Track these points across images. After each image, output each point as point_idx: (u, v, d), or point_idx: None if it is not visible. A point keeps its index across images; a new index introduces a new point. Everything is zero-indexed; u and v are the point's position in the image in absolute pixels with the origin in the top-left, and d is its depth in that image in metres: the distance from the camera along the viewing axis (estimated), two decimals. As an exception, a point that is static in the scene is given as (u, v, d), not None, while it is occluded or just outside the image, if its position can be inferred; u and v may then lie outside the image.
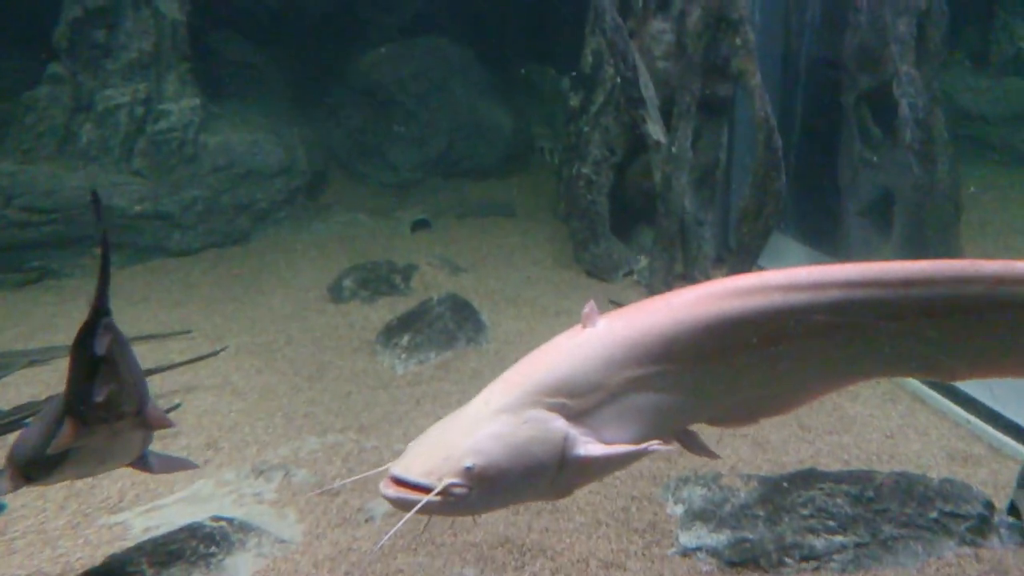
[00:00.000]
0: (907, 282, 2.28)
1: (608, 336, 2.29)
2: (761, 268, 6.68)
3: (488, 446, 2.07)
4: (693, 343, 2.30)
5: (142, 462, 3.09)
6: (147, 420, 2.74)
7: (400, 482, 2.06)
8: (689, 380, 2.33)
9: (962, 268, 2.32)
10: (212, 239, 8.21)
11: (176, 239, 8.00)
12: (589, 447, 2.18)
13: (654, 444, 2.25)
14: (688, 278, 6.79)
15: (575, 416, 2.19)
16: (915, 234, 6.13)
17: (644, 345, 2.28)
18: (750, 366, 2.36)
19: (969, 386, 4.74)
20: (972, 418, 4.57)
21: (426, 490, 2.02)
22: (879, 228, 6.40)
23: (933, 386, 4.89)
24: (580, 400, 2.20)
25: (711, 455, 2.59)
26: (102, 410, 2.58)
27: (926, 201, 6.00)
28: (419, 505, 2.01)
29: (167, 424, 2.90)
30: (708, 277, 6.73)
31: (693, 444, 2.54)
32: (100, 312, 2.63)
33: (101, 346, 2.56)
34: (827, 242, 6.55)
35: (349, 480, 2.38)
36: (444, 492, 2.01)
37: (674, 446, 2.36)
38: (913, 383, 5.00)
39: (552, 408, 2.17)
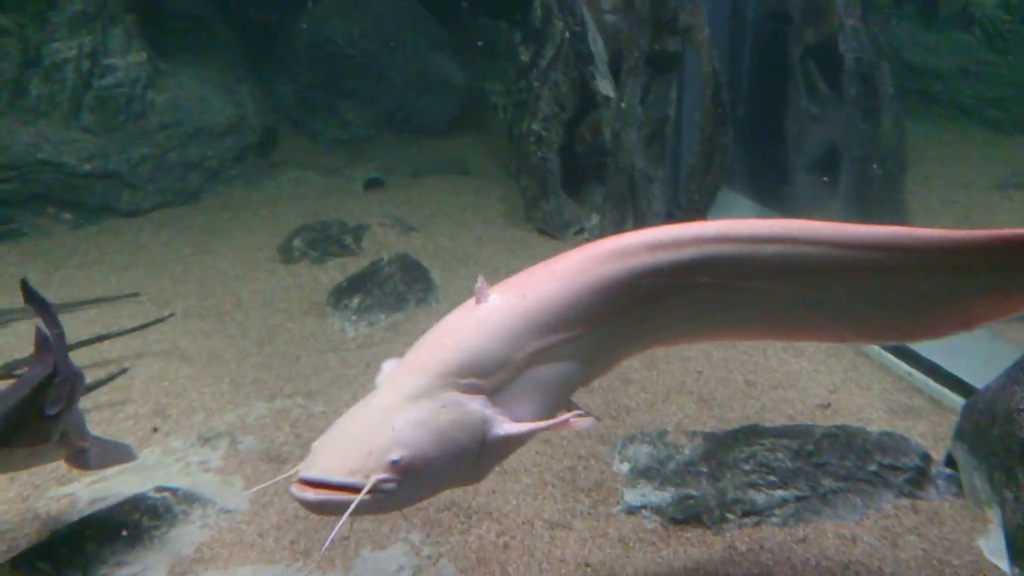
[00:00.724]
0: (769, 239, 2.32)
1: (507, 310, 2.25)
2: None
3: (411, 436, 1.99)
4: (584, 308, 2.31)
5: (80, 459, 3.15)
6: (70, 443, 3.01)
7: (320, 484, 1.93)
8: (585, 344, 2.34)
9: (806, 228, 2.33)
10: (162, 198, 8.08)
11: (126, 199, 7.87)
12: (507, 426, 2.15)
13: (574, 418, 2.25)
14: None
15: (487, 395, 2.15)
16: (861, 189, 6.19)
17: (542, 316, 2.26)
18: (640, 321, 2.47)
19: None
20: (914, 371, 4.66)
21: (353, 489, 1.91)
22: (826, 183, 6.45)
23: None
24: (491, 378, 2.16)
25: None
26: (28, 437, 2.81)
27: (871, 156, 6.05)
28: (352, 506, 1.90)
29: (82, 463, 3.12)
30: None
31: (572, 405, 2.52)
32: (53, 376, 2.83)
33: (53, 407, 2.80)
34: (775, 198, 6.60)
35: (256, 488, 2.21)
36: (373, 489, 1.92)
37: (591, 420, 2.34)
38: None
39: (466, 389, 2.12)
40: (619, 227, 6.52)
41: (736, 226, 2.35)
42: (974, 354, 4.46)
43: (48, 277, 6.51)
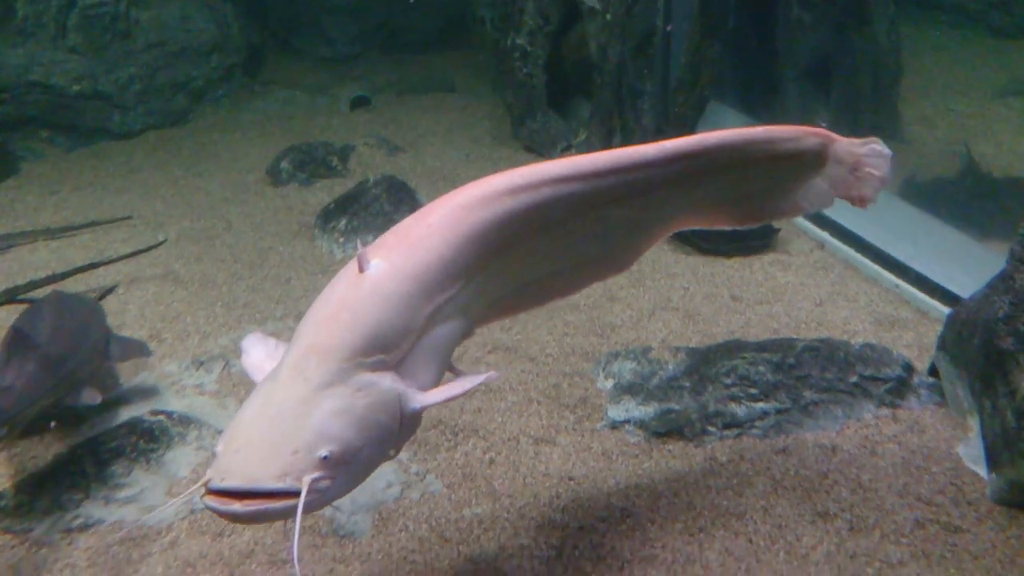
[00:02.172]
0: (609, 171, 2.48)
1: (398, 276, 2.14)
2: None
3: (335, 428, 1.87)
4: (463, 260, 2.26)
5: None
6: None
7: (245, 494, 1.78)
8: (465, 297, 2.29)
9: (635, 153, 2.54)
10: (152, 120, 8.05)
11: (117, 120, 7.87)
12: (420, 398, 2.08)
13: (484, 375, 2.20)
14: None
15: (396, 369, 2.06)
16: (853, 98, 6.10)
17: (430, 276, 2.18)
18: (519, 261, 2.47)
19: (898, 251, 4.84)
20: (901, 283, 4.69)
21: (286, 495, 1.78)
22: (817, 93, 6.35)
23: (864, 252, 5.00)
24: (395, 351, 2.07)
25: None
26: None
27: (863, 64, 5.95)
28: (299, 512, 1.77)
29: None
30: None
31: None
32: None
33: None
34: (765, 110, 6.50)
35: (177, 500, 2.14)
36: (310, 490, 1.80)
37: (496, 373, 2.31)
38: (845, 251, 5.10)
39: (374, 368, 2.00)
40: (606, 142, 6.46)
41: (580, 163, 2.48)
42: (962, 264, 4.49)
43: (43, 201, 6.49)
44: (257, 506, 1.77)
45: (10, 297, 4.80)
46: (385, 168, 6.48)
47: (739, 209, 2.85)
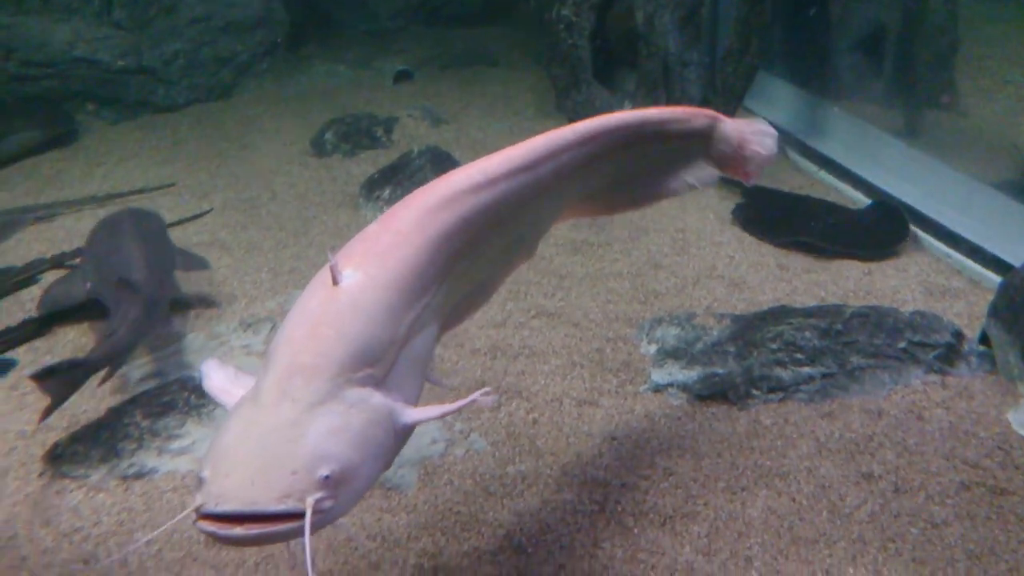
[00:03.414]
0: (549, 155, 2.51)
1: (377, 287, 2.06)
2: (748, 110, 6.58)
3: (332, 447, 1.80)
4: (435, 264, 2.22)
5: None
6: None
7: (242, 517, 1.71)
8: (439, 301, 2.27)
9: (559, 136, 2.56)
10: (196, 94, 8.14)
11: (161, 94, 7.96)
12: (411, 413, 2.02)
13: (480, 396, 2.13)
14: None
15: (382, 383, 1.99)
16: (907, 69, 5.98)
17: (408, 285, 2.12)
18: (480, 258, 2.47)
19: (950, 220, 4.76)
20: (952, 252, 4.61)
21: (289, 517, 1.73)
22: (871, 64, 6.24)
23: (915, 221, 4.92)
24: (381, 365, 1.99)
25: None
26: None
27: (919, 34, 5.82)
28: (307, 533, 1.72)
29: None
30: (695, 121, 6.62)
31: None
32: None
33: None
34: (815, 81, 6.40)
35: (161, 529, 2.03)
36: (314, 510, 1.74)
37: (495, 396, 2.30)
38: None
39: (363, 383, 1.93)
40: (652, 114, 6.40)
41: (525, 152, 2.46)
42: (1015, 233, 4.40)
43: (90, 172, 6.61)
44: (260, 529, 1.71)
45: (57, 263, 4.92)
46: (429, 140, 6.50)
47: (634, 189, 2.94)
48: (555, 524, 2.86)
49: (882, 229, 4.83)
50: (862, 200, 5.35)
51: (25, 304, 4.55)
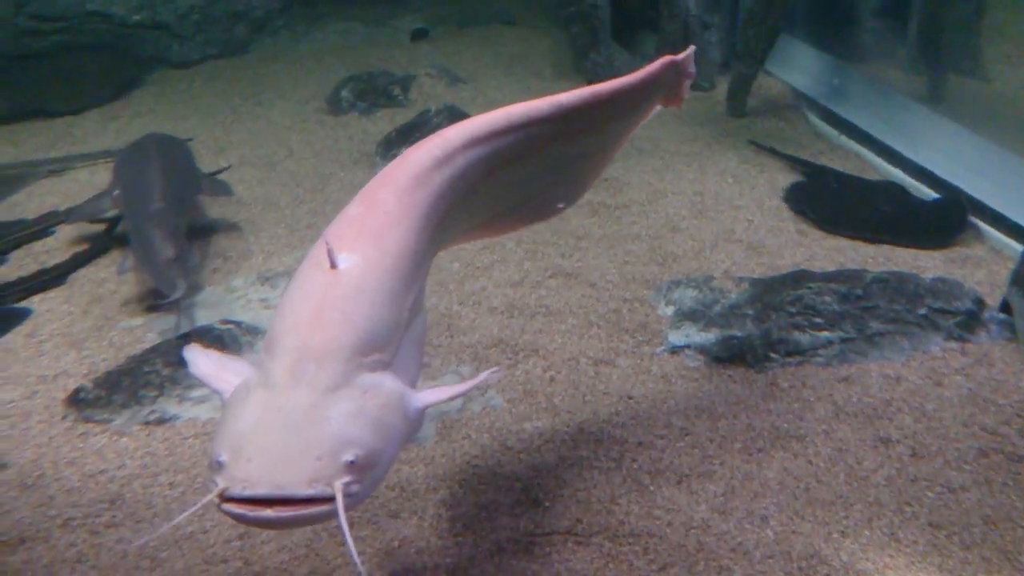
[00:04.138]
0: (516, 126, 2.53)
1: (375, 271, 2.05)
2: (768, 73, 6.50)
3: (353, 432, 1.81)
4: (421, 242, 2.23)
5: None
6: None
7: (270, 501, 1.72)
8: (424, 271, 2.30)
9: (532, 108, 2.60)
10: (210, 50, 8.09)
11: (176, 50, 7.93)
12: (421, 396, 2.03)
13: (486, 374, 2.12)
14: (692, 85, 6.60)
15: (389, 367, 1.99)
16: (932, 34, 5.89)
17: (404, 267, 2.12)
18: (454, 226, 2.52)
19: (973, 187, 4.71)
20: (975, 220, 4.57)
21: (318, 501, 1.74)
22: (894, 30, 6.15)
23: (938, 188, 4.88)
24: (388, 349, 1.99)
25: None
26: None
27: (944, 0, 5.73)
28: (342, 517, 1.74)
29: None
30: (713, 85, 6.57)
31: None
32: None
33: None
34: (839, 45, 6.31)
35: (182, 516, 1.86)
36: (344, 494, 1.76)
37: (500, 371, 2.31)
38: (918, 187, 4.98)
39: (373, 368, 1.93)
40: (672, 77, 6.33)
41: (487, 122, 2.47)
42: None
43: (103, 127, 6.61)
44: (292, 512, 1.73)
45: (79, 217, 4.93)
46: (446, 99, 6.45)
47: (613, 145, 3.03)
48: (572, 479, 2.88)
49: (939, 221, 4.55)
50: (882, 165, 5.30)
51: (39, 256, 4.58)
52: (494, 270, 4.25)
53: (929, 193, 4.91)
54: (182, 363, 2.15)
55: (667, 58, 2.92)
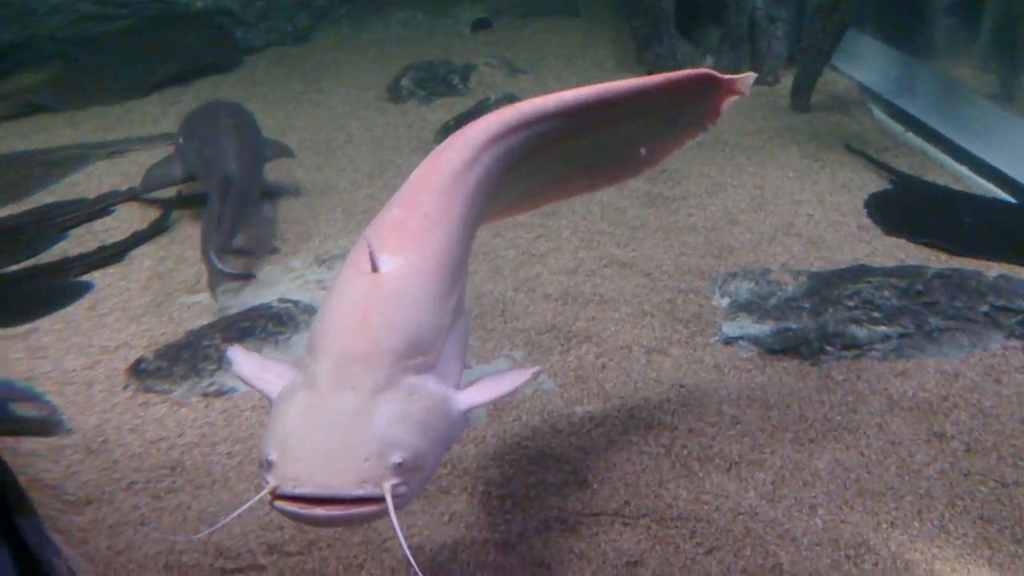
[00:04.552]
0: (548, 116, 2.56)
1: (418, 274, 2.06)
2: (834, 69, 6.40)
3: (399, 435, 1.83)
4: (465, 235, 2.25)
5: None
6: None
7: (320, 500, 1.76)
8: (464, 271, 2.32)
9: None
10: (273, 37, 8.22)
11: (239, 36, 8.04)
12: (464, 399, 2.03)
13: (530, 371, 2.17)
14: (759, 80, 6.53)
15: (433, 370, 1.99)
16: (1005, 32, 5.73)
17: (447, 270, 2.13)
18: (486, 213, 2.56)
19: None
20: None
21: (367, 501, 1.77)
22: (966, 26, 6.00)
23: (1003, 186, 4.77)
24: (433, 352, 2.00)
25: None
26: None
27: (1019, -6, 5.58)
28: (394, 520, 1.76)
29: None
30: (778, 79, 6.48)
31: None
32: None
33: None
34: (909, 41, 6.18)
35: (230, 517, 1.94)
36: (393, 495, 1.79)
37: (539, 367, 2.30)
38: (983, 184, 4.88)
39: (418, 370, 1.94)
40: (736, 71, 6.28)
41: (503, 119, 2.48)
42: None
43: (164, 110, 6.75)
44: (342, 511, 1.77)
45: (133, 195, 5.08)
46: (506, 88, 6.48)
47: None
48: (621, 463, 2.89)
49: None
50: (948, 163, 5.19)
51: (98, 234, 4.71)
52: (549, 258, 4.27)
53: (998, 192, 4.78)
54: (227, 362, 2.20)
55: (704, 70, 2.77)
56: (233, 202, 4.26)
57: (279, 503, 1.79)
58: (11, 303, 4.06)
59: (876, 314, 3.46)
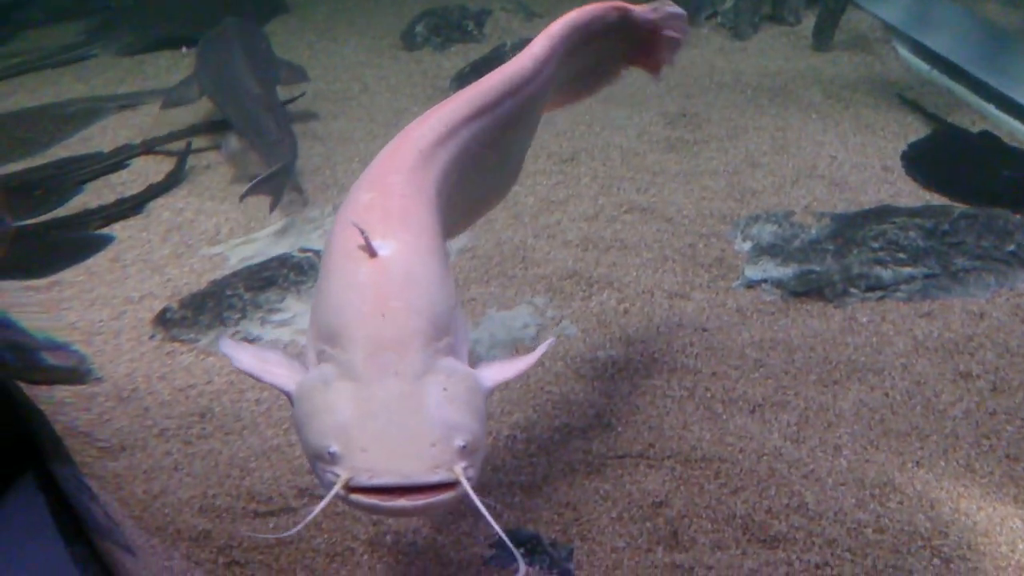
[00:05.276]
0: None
1: (417, 255, 2.01)
2: (857, 6, 6.26)
3: (455, 417, 1.80)
4: (440, 212, 2.20)
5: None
6: None
7: (400, 489, 1.73)
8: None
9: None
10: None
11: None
12: (488, 375, 1.99)
13: (547, 347, 2.13)
14: (776, 19, 6.42)
15: (453, 349, 1.95)
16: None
17: (438, 247, 2.09)
18: (458, 199, 2.46)
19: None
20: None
21: (443, 487, 1.74)
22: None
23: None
24: (451, 332, 1.96)
25: None
26: None
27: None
28: (476, 501, 1.72)
29: None
30: (799, 19, 6.36)
31: None
32: None
33: None
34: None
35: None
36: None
37: (552, 339, 2.24)
38: (1009, 123, 4.78)
39: (446, 352, 1.91)
40: (755, 11, 6.19)
41: (481, 91, 2.43)
42: None
43: (175, 63, 6.67)
44: (424, 500, 1.72)
45: (148, 148, 5.07)
46: (522, 33, 6.39)
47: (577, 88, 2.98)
48: (644, 406, 2.90)
49: None
50: (976, 102, 5.08)
51: (116, 187, 4.71)
52: (569, 204, 4.24)
53: (1024, 130, 4.70)
54: (224, 355, 2.13)
55: (610, 3, 2.75)
56: (254, 126, 4.51)
57: (355, 496, 1.73)
58: (33, 256, 4.09)
59: (901, 255, 3.43)
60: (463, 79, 5.68)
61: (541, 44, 2.57)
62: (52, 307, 3.68)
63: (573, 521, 2.47)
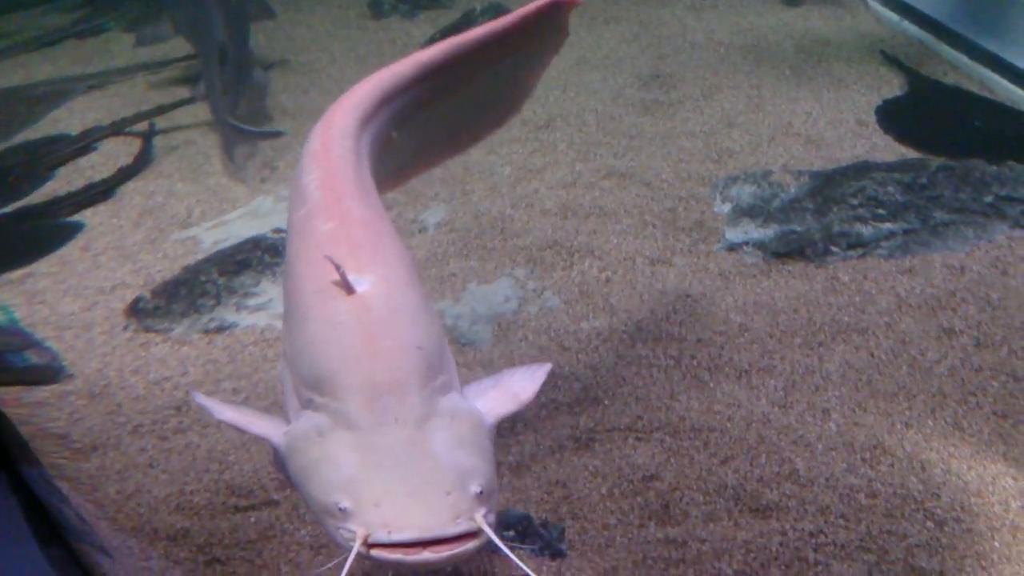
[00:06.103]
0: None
1: (396, 287, 1.90)
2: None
3: (466, 461, 1.71)
4: (395, 231, 2.14)
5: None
6: None
7: (422, 543, 1.64)
8: None
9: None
10: (245, -43, 7.88)
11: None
12: (490, 411, 1.90)
13: (545, 373, 2.07)
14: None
15: (449, 385, 1.86)
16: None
17: (415, 277, 2.02)
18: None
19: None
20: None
21: (467, 536, 1.66)
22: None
23: (1003, 73, 4.64)
24: (445, 368, 1.87)
25: None
26: None
27: None
28: (504, 549, 1.66)
29: None
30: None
31: None
32: None
33: None
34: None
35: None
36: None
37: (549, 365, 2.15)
38: (984, 73, 4.75)
39: (445, 391, 1.81)
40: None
41: (395, 75, 2.56)
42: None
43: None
44: (451, 551, 1.64)
45: (117, 129, 4.94)
46: (490, -2, 6.27)
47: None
48: (631, 377, 2.88)
49: None
50: (948, 52, 5.04)
51: (84, 171, 4.59)
52: (546, 172, 4.18)
53: (1009, 87, 4.64)
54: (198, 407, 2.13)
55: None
56: (228, 66, 4.58)
57: (377, 552, 1.64)
58: (5, 248, 3.99)
59: (880, 211, 3.41)
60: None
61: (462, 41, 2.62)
62: (25, 301, 3.60)
63: (563, 499, 2.45)
